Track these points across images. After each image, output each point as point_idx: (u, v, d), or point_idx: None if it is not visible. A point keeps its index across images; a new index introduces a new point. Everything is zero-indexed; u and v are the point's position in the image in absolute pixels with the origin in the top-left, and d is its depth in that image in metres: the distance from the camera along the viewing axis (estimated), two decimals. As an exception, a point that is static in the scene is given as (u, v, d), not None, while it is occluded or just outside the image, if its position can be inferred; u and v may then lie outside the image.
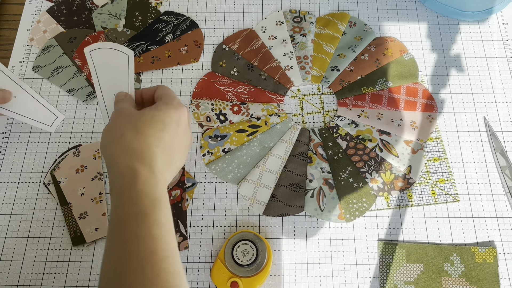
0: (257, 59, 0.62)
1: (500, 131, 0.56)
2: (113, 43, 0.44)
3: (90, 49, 0.43)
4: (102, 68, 0.44)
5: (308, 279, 0.49)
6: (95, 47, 0.43)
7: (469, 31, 0.63)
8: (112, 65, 0.44)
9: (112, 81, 0.45)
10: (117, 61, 0.44)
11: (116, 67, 0.44)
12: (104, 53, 0.43)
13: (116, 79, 0.45)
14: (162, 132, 0.38)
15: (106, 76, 0.45)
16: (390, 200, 0.53)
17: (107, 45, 0.43)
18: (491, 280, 0.48)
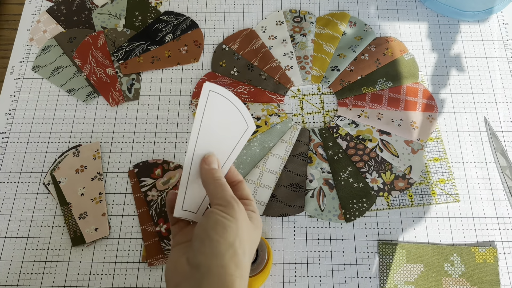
0: (257, 59, 0.62)
1: (501, 131, 0.56)
2: (239, 101, 0.35)
3: (212, 88, 0.34)
4: (211, 116, 0.35)
5: (308, 279, 0.49)
6: (219, 90, 0.34)
7: (470, 31, 0.63)
8: (225, 122, 0.35)
9: (216, 138, 0.35)
10: (232, 122, 0.35)
11: (227, 127, 0.35)
12: (224, 104, 0.35)
13: (221, 140, 0.35)
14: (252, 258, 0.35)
15: (211, 127, 0.35)
16: (390, 200, 0.53)
17: (232, 99, 0.35)
18: (491, 280, 0.48)
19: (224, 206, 0.32)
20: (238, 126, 0.36)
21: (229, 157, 0.36)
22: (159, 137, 0.58)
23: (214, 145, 0.35)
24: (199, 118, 0.34)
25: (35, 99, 0.61)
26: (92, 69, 0.62)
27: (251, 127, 0.36)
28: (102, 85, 0.61)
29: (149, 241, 0.51)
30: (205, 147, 0.35)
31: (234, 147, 0.36)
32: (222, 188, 0.34)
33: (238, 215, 0.32)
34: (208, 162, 0.35)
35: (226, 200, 0.33)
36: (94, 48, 0.63)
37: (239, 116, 0.36)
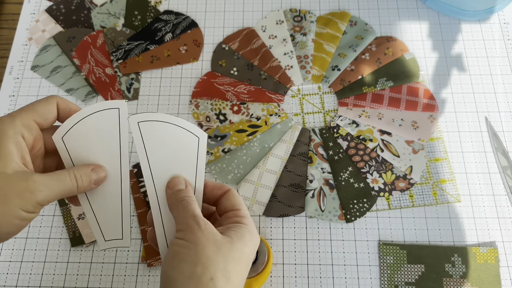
0: (257, 59, 0.62)
1: (502, 131, 0.56)
2: (174, 118, 0.32)
3: (137, 119, 0.32)
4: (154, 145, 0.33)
5: (308, 280, 0.49)
6: (144, 118, 0.32)
7: (470, 30, 0.63)
8: (172, 144, 0.33)
9: (169, 164, 0.33)
10: (179, 141, 0.33)
11: (177, 148, 0.33)
12: (161, 127, 0.33)
13: (177, 163, 0.33)
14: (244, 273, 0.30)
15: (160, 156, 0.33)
16: (391, 201, 0.52)
17: (166, 118, 0.32)
18: (492, 281, 0.48)
19: (183, 230, 0.29)
20: (188, 142, 0.33)
21: (196, 175, 0.34)
22: (158, 137, 0.57)
23: (173, 170, 0.33)
24: (143, 153, 0.32)
25: (34, 98, 0.60)
26: (91, 69, 0.62)
27: (203, 137, 0.33)
28: (101, 84, 0.61)
29: (148, 242, 0.51)
30: (165, 177, 0.33)
31: (196, 163, 0.33)
32: (183, 209, 0.30)
33: (199, 237, 0.28)
34: (172, 185, 0.32)
35: (184, 223, 0.30)
36: (93, 48, 0.63)
37: (183, 132, 0.33)
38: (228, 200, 0.33)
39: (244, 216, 0.32)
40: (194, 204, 0.31)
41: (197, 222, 0.29)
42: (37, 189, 0.28)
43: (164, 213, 0.33)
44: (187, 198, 0.31)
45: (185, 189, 0.32)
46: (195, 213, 0.30)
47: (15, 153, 0.28)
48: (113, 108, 0.33)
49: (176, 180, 0.32)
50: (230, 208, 0.33)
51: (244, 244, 0.30)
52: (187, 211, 0.30)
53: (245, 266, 0.30)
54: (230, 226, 0.31)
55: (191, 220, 0.29)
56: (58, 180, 0.30)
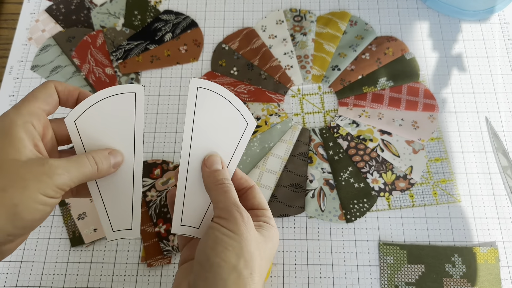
0: (257, 59, 0.62)
1: (502, 131, 0.56)
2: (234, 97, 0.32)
3: (198, 84, 0.31)
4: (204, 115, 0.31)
5: (308, 280, 0.49)
6: (205, 85, 0.31)
7: (471, 30, 0.63)
8: (221, 120, 0.32)
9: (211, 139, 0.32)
10: (229, 120, 0.32)
11: (224, 126, 0.32)
12: (217, 100, 0.32)
13: (219, 140, 0.32)
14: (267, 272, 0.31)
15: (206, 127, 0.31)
16: (391, 201, 0.52)
17: (226, 94, 0.32)
18: (492, 281, 0.48)
19: (226, 218, 0.29)
20: (236, 124, 0.32)
21: (231, 158, 0.33)
22: (158, 137, 0.57)
23: (212, 146, 0.32)
24: (190, 118, 0.31)
25: (33, 98, 0.60)
26: (91, 69, 0.62)
27: (252, 124, 0.33)
28: (101, 84, 0.61)
29: (148, 242, 0.51)
30: (202, 150, 0.32)
31: (236, 147, 0.32)
32: (225, 194, 0.30)
33: (243, 230, 0.28)
34: (210, 163, 0.31)
35: (227, 211, 0.29)
36: (93, 48, 0.63)
37: (236, 113, 0.32)
38: (254, 197, 0.33)
39: (271, 218, 0.32)
40: (234, 191, 0.30)
41: (241, 214, 0.29)
42: (55, 173, 0.27)
43: (189, 185, 0.31)
44: (227, 182, 0.30)
45: (223, 170, 0.31)
46: (237, 202, 0.29)
47: (27, 141, 0.28)
48: (129, 93, 0.31)
49: (214, 159, 0.31)
50: (257, 206, 0.32)
51: (272, 245, 0.31)
52: (229, 198, 0.29)
53: (269, 263, 0.31)
54: (262, 225, 0.31)
55: (235, 210, 0.29)
56: (77, 163, 0.29)
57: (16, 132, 0.28)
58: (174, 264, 0.50)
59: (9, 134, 0.27)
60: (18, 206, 0.26)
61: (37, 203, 0.27)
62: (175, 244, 0.50)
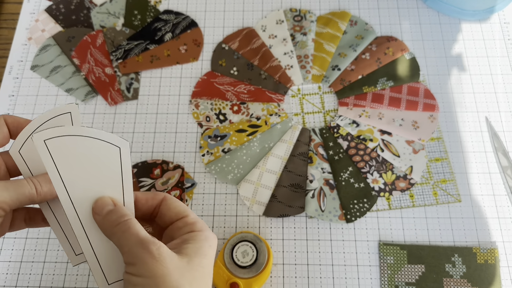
0: (257, 58, 0.62)
1: (502, 131, 0.56)
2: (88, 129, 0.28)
3: (43, 137, 0.27)
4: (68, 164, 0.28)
5: (308, 280, 0.49)
6: (51, 134, 0.27)
7: (471, 30, 0.63)
8: (89, 158, 0.28)
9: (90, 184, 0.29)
10: (97, 153, 0.29)
11: (96, 162, 0.29)
12: (73, 142, 0.28)
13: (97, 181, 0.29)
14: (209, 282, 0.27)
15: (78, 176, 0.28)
16: (391, 201, 0.52)
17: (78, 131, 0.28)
18: (492, 281, 0.48)
19: (133, 264, 0.25)
20: (108, 153, 0.29)
21: (123, 189, 0.29)
22: (158, 137, 0.57)
23: (95, 190, 0.28)
24: (56, 175, 0.27)
25: (33, 98, 0.60)
26: (90, 69, 0.61)
27: (124, 145, 0.29)
28: (101, 84, 0.60)
29: (148, 242, 0.51)
30: (87, 199, 0.28)
31: (121, 176, 0.29)
32: (124, 235, 0.26)
33: (155, 269, 0.24)
34: (99, 209, 0.28)
35: (132, 254, 0.25)
36: (92, 47, 0.63)
37: (101, 143, 0.28)
38: (168, 209, 0.29)
39: (195, 222, 0.28)
40: (135, 226, 0.26)
41: (147, 250, 0.25)
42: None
43: (95, 245, 0.28)
44: (123, 220, 0.27)
45: (115, 208, 0.28)
46: (140, 237, 0.25)
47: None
48: (65, 113, 0.30)
49: (102, 201, 0.28)
50: (175, 217, 0.29)
51: (203, 256, 0.27)
52: (129, 237, 0.26)
53: (208, 280, 0.27)
54: (186, 238, 0.27)
55: (139, 248, 0.25)
56: (16, 184, 0.28)
57: None
58: (174, 264, 0.50)
59: None
60: None
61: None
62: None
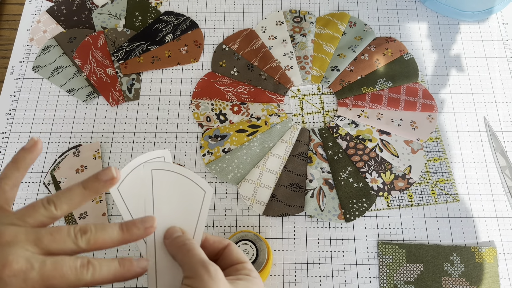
0: (257, 59, 0.62)
1: (500, 131, 0.56)
2: (184, 169, 0.33)
3: (153, 167, 0.33)
4: (162, 194, 0.33)
5: (308, 279, 0.49)
6: (161, 167, 0.33)
7: (469, 31, 0.63)
8: (178, 194, 0.33)
9: (172, 214, 0.33)
10: (186, 192, 0.33)
11: (182, 200, 0.34)
12: (170, 177, 0.33)
13: (180, 214, 0.33)
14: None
15: (165, 205, 0.33)
16: (390, 200, 0.53)
17: (177, 169, 0.33)
18: (491, 280, 0.48)
19: (191, 277, 0.28)
20: (194, 194, 0.33)
21: (196, 228, 0.33)
22: (159, 137, 0.58)
23: (175, 221, 0.33)
24: (150, 200, 0.32)
25: (35, 99, 0.61)
26: (92, 69, 0.62)
27: (209, 191, 0.34)
28: (102, 85, 0.61)
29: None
30: (165, 226, 0.33)
31: (198, 217, 0.33)
32: (188, 253, 0.29)
33: (209, 283, 0.27)
34: (169, 234, 0.32)
35: (192, 270, 0.28)
36: (94, 48, 0.63)
37: (191, 184, 0.33)
38: (231, 254, 0.33)
39: (252, 270, 0.32)
40: (198, 248, 0.30)
41: (206, 269, 0.28)
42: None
43: (159, 265, 0.32)
44: (188, 241, 0.31)
45: (183, 235, 0.32)
46: (202, 257, 0.29)
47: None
48: (159, 157, 0.34)
49: (172, 230, 0.32)
50: (236, 261, 0.32)
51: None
52: (193, 256, 0.29)
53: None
54: (240, 277, 0.30)
55: (200, 266, 0.28)
56: None
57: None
58: (174, 263, 0.50)
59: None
60: None
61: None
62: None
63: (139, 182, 0.33)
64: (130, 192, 0.33)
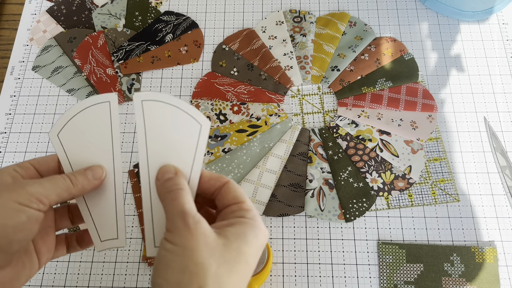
0: (257, 59, 0.62)
1: (500, 131, 0.56)
2: (180, 101, 0.31)
3: (141, 97, 0.31)
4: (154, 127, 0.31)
5: (308, 279, 0.49)
6: (148, 97, 0.31)
7: (469, 31, 0.63)
8: (173, 128, 0.31)
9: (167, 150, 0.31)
10: (180, 125, 0.31)
11: (177, 133, 0.31)
12: (164, 108, 0.31)
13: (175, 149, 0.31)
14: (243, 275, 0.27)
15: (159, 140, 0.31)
16: (390, 200, 0.53)
17: (171, 100, 0.31)
18: (491, 280, 0.48)
19: (170, 231, 0.26)
20: (190, 128, 0.31)
21: (193, 164, 0.31)
22: (159, 137, 0.58)
23: (170, 158, 0.31)
24: (142, 133, 0.30)
25: (35, 99, 0.61)
26: (92, 69, 0.62)
27: (205, 124, 0.31)
28: (102, 85, 0.61)
29: (149, 241, 0.51)
30: (160, 162, 0.30)
31: (195, 152, 0.31)
32: (172, 203, 0.27)
33: (186, 240, 0.25)
34: (161, 175, 0.30)
35: (172, 222, 0.26)
36: (94, 48, 0.63)
37: (187, 117, 0.31)
38: (228, 192, 0.30)
39: (248, 209, 0.29)
40: (183, 197, 0.28)
41: (185, 222, 0.26)
42: (28, 184, 0.28)
43: (154, 207, 0.30)
44: (175, 188, 0.28)
45: (175, 177, 0.29)
46: (184, 208, 0.27)
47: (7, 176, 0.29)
48: (104, 102, 0.32)
49: (164, 169, 0.30)
50: (232, 201, 0.30)
51: (245, 243, 0.27)
52: (175, 206, 0.27)
53: (244, 267, 0.27)
54: (233, 222, 0.28)
55: (179, 218, 0.26)
56: (49, 179, 0.30)
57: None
58: (174, 263, 0.50)
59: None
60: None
61: (9, 209, 0.27)
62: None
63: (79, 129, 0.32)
64: (71, 141, 0.32)
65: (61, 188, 0.30)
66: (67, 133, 0.32)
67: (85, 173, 0.31)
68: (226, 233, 0.27)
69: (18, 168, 0.30)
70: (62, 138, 0.32)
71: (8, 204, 0.27)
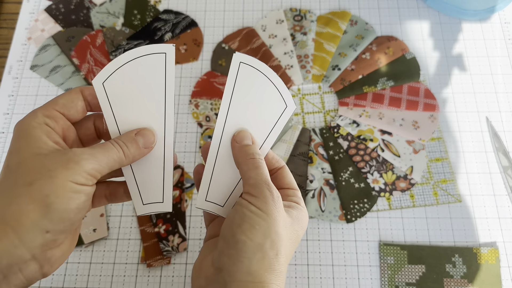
0: (257, 58, 0.62)
1: (502, 131, 0.56)
2: (276, 77, 0.31)
3: (241, 59, 0.31)
4: (243, 92, 0.31)
5: (308, 281, 0.49)
6: (248, 61, 0.31)
7: (471, 30, 0.63)
8: (260, 99, 0.31)
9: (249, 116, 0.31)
10: (268, 99, 0.31)
11: (262, 105, 0.31)
12: (258, 78, 0.31)
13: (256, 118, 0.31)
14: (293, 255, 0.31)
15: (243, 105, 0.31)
16: (391, 201, 0.52)
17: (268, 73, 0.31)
18: (493, 281, 0.48)
19: (255, 196, 0.28)
20: (275, 104, 0.31)
21: (266, 138, 0.31)
22: (158, 137, 0.57)
23: (247, 124, 0.31)
24: (229, 93, 0.30)
25: (33, 98, 0.60)
26: (90, 68, 0.61)
27: (291, 107, 0.31)
28: (101, 84, 0.60)
29: (147, 242, 0.51)
30: (236, 127, 0.31)
31: (272, 128, 0.31)
32: (256, 170, 0.29)
33: (272, 209, 0.27)
34: (240, 138, 0.31)
35: (258, 189, 0.28)
36: (92, 47, 0.63)
37: (277, 94, 0.31)
38: (284, 177, 0.32)
39: (301, 198, 0.32)
40: (266, 168, 0.30)
41: (271, 193, 0.28)
42: (82, 158, 0.26)
43: (218, 164, 0.31)
44: (258, 157, 0.30)
45: (253, 145, 0.31)
46: (268, 180, 0.29)
47: (46, 138, 0.27)
48: (159, 53, 0.29)
49: (244, 134, 0.31)
50: (288, 186, 0.32)
51: (300, 226, 0.30)
52: (260, 175, 0.29)
53: (296, 244, 0.30)
54: (292, 205, 0.30)
55: (265, 187, 0.28)
56: (102, 149, 0.28)
57: (33, 133, 0.27)
58: (173, 265, 0.50)
59: (26, 135, 0.27)
60: (49, 196, 0.25)
61: (68, 191, 0.26)
62: (174, 244, 0.50)
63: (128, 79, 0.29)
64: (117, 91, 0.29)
65: (114, 161, 0.28)
66: (114, 83, 0.29)
67: (136, 141, 0.30)
68: (292, 214, 0.30)
69: (49, 120, 0.28)
70: (108, 88, 0.29)
71: (67, 186, 0.26)
